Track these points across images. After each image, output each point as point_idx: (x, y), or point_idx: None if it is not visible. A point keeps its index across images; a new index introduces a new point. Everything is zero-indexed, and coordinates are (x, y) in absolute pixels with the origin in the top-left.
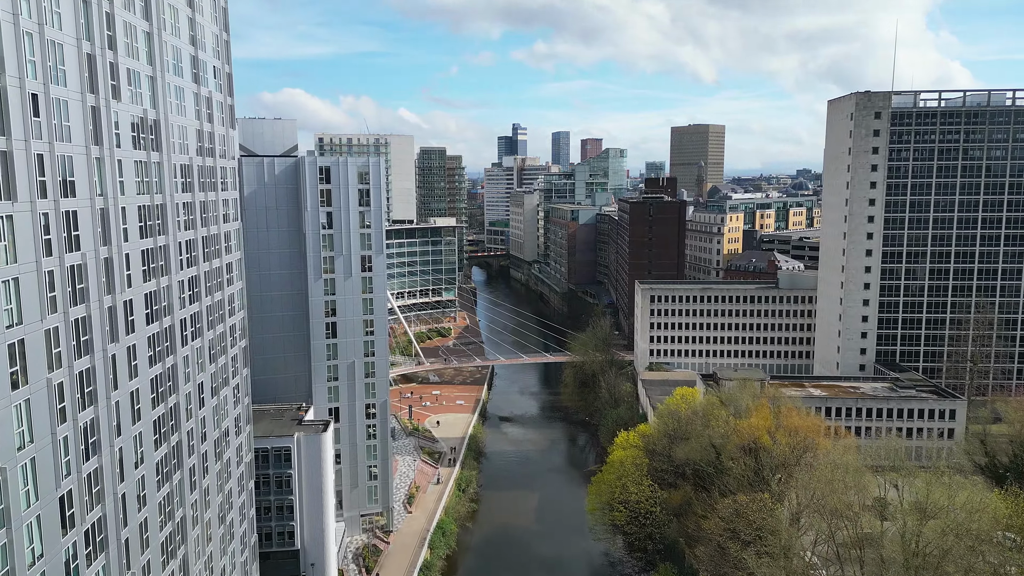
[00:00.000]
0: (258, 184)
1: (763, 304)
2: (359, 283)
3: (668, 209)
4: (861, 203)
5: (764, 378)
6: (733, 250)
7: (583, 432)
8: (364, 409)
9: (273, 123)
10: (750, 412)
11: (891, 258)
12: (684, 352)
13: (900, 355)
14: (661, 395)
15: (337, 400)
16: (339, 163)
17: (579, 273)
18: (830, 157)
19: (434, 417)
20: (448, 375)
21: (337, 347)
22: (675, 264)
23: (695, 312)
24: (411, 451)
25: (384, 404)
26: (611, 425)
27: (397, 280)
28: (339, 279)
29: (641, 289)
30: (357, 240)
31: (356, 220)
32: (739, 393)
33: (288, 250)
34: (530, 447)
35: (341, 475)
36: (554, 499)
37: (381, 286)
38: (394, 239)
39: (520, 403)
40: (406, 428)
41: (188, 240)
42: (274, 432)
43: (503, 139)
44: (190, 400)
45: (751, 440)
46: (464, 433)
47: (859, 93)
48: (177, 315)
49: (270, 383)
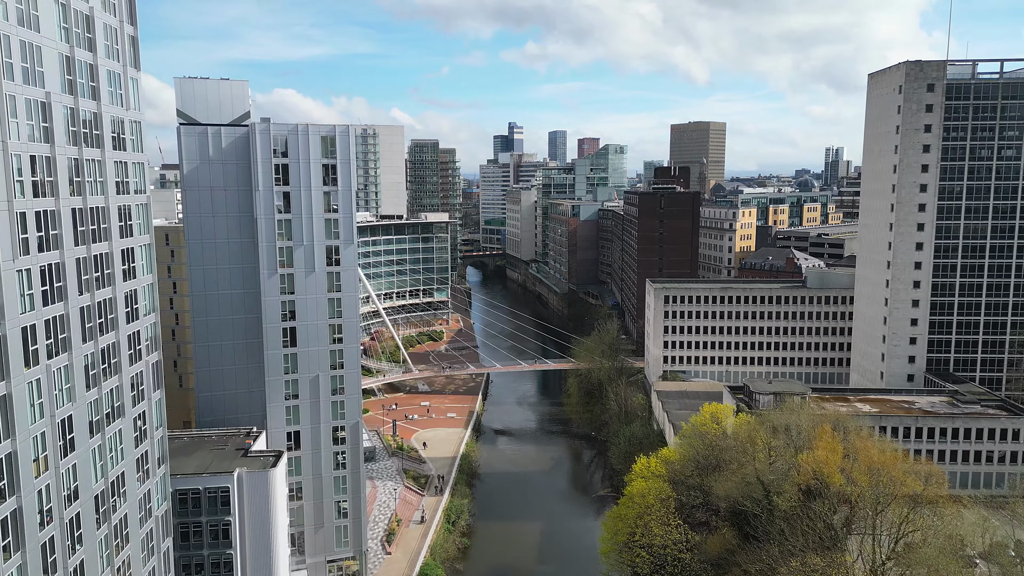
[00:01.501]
0: (201, 159)
1: (790, 305)
2: (324, 279)
3: (681, 200)
4: (911, 189)
5: (805, 392)
6: (745, 248)
7: (589, 448)
8: (331, 433)
9: (220, 84)
10: (808, 439)
11: (945, 252)
12: (702, 359)
13: (954, 363)
14: (680, 409)
15: (298, 422)
16: (299, 132)
17: (580, 272)
18: (871, 138)
19: (422, 433)
20: (439, 384)
21: (297, 358)
22: (689, 261)
23: (715, 314)
24: (394, 475)
25: (355, 427)
26: (624, 445)
27: (385, 280)
28: (299, 275)
29: (654, 289)
30: (321, 227)
31: (320, 202)
32: (790, 414)
33: (240, 240)
34: (530, 467)
35: (303, 513)
36: (559, 533)
37: (352, 283)
38: (381, 235)
39: (518, 415)
40: (389, 447)
41: (45, 210)
42: (209, 468)
43: (499, 138)
44: (42, 445)
45: (815, 478)
46: (455, 452)
47: (909, 62)
48: (20, 320)
49: (218, 402)
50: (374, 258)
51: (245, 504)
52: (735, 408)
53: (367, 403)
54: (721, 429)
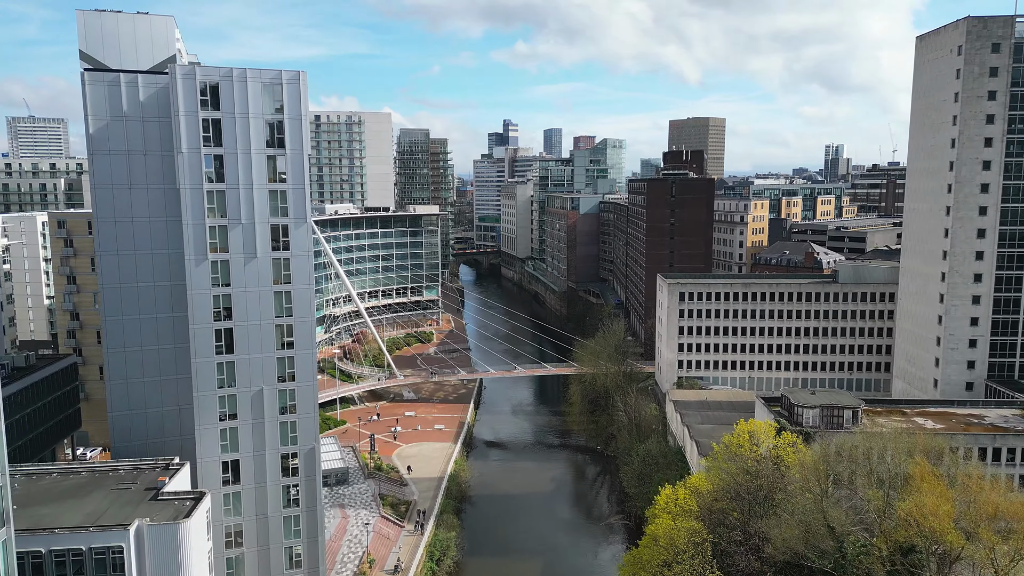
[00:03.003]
0: (112, 115)
1: (821, 303)
2: (268, 268)
3: (695, 187)
4: (972, 167)
5: (858, 405)
6: (757, 242)
7: (594, 464)
8: (279, 462)
9: (136, 20)
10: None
11: (1011, 240)
12: (721, 364)
13: (1020, 369)
14: (703, 423)
15: (236, 449)
16: (234, 77)
17: (580, 269)
18: (921, 110)
19: (405, 449)
20: (427, 391)
21: (235, 367)
22: (704, 255)
23: (736, 313)
24: (369, 502)
25: (311, 453)
26: (638, 465)
27: (370, 277)
28: (236, 262)
29: (668, 286)
30: (264, 201)
31: (263, 169)
32: (874, 438)
33: (165, 219)
34: (528, 488)
35: (243, 565)
36: (564, 571)
37: (305, 272)
38: (366, 228)
39: (514, 426)
40: (365, 467)
41: None
42: (101, 518)
43: (493, 135)
44: None
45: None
46: (442, 471)
47: (971, 18)
48: None
49: (138, 424)
50: (358, 253)
51: (147, 569)
52: (776, 425)
53: (345, 413)
54: (760, 452)
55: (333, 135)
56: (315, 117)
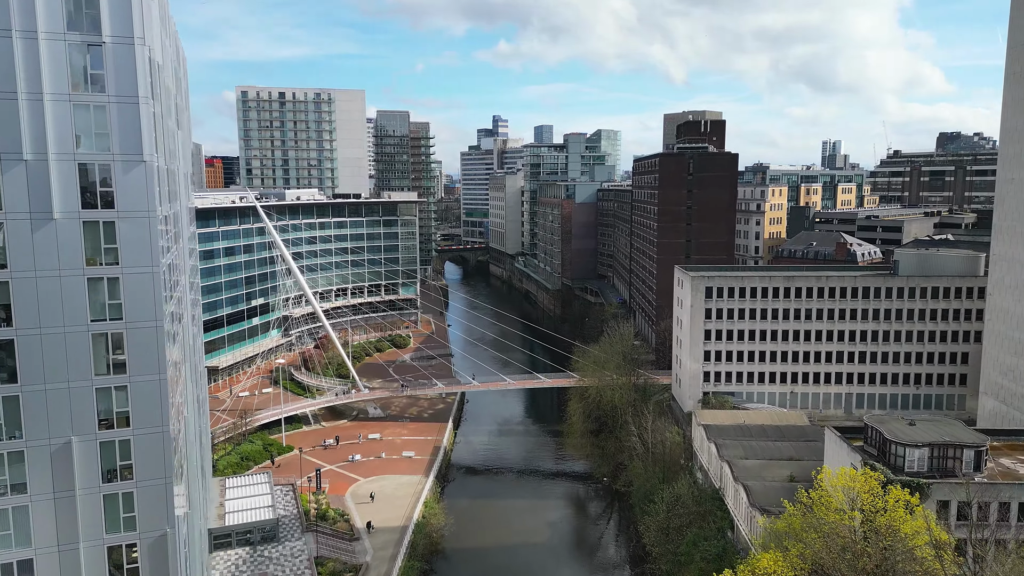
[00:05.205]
0: None
1: (881, 301)
2: (78, 238)
3: (717, 163)
4: None
5: (982, 443)
6: (775, 233)
7: (600, 501)
8: (105, 560)
9: None
10: None
11: None
12: (757, 376)
13: None
14: (747, 458)
15: (26, 542)
16: None
17: (576, 265)
18: (1018, 58)
19: (363, 485)
20: (397, 407)
21: (19, 406)
22: (727, 244)
23: (777, 314)
24: (301, 571)
25: (161, 542)
26: (663, 515)
27: (337, 273)
28: (14, 228)
29: (691, 280)
30: (67, 123)
31: (62, 66)
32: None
33: None
34: (517, 539)
35: None
36: None
37: (144, 248)
38: (332, 217)
39: (500, 451)
40: (305, 515)
41: None
42: None
43: (483, 131)
44: None
45: None
46: (408, 518)
47: None
48: None
49: None
50: (323, 245)
51: None
52: (879, 476)
53: (295, 436)
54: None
55: (300, 114)
56: (280, 95)
